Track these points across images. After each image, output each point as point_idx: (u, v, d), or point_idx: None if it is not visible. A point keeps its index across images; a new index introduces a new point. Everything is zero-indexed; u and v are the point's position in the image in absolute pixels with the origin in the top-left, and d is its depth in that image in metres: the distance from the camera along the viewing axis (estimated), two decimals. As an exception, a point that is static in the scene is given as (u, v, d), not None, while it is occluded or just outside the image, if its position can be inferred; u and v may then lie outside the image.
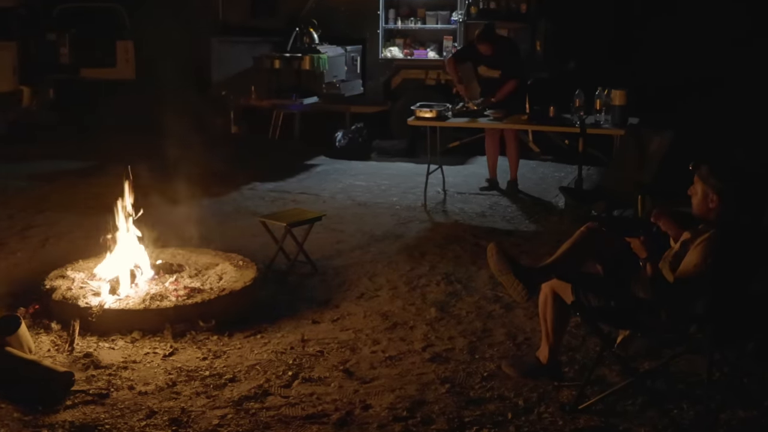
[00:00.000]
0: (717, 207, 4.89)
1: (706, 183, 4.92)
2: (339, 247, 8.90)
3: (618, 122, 9.71)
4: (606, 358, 5.70)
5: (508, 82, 10.98)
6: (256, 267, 7.51)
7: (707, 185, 4.92)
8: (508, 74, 11.01)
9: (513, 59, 11.17)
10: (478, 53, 11.08)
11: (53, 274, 7.24)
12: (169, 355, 6.13)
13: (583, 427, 5.14)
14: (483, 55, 11.03)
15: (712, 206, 4.91)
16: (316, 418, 5.22)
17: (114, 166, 8.49)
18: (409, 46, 15.03)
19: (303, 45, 14.29)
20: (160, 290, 6.90)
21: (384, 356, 6.14)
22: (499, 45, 11.08)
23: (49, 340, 6.34)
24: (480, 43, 10.95)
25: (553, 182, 12.07)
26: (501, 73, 11.02)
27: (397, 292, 7.53)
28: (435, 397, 5.51)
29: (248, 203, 10.84)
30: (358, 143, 13.93)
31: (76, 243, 8.81)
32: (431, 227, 9.78)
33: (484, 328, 6.68)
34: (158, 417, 5.22)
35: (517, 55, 11.36)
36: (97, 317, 6.43)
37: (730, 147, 9.71)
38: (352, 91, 14.86)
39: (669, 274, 4.98)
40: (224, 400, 5.45)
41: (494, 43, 10.97)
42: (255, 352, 6.20)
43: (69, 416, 5.21)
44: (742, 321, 4.96)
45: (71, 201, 10.74)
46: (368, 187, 11.77)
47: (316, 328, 6.68)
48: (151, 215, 7.74)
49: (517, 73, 11.12)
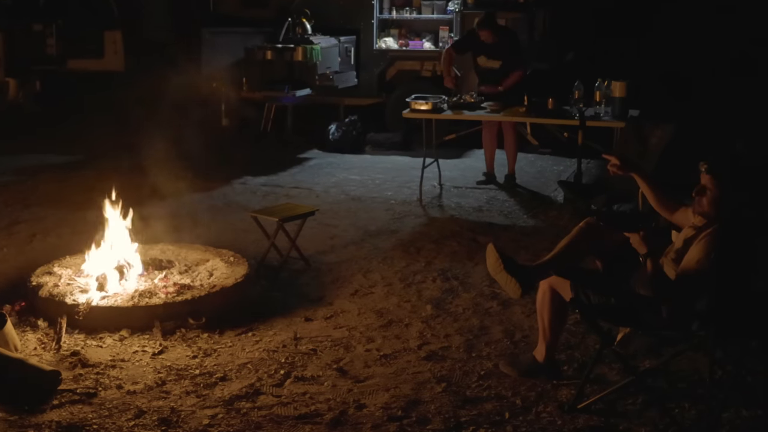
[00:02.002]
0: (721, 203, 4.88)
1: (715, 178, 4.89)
2: (332, 242, 8.89)
3: (618, 114, 9.71)
4: (606, 356, 5.70)
5: (513, 72, 10.99)
6: (247, 263, 7.51)
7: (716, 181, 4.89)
8: (513, 65, 11.02)
9: (517, 50, 11.17)
10: (478, 42, 11.07)
11: (40, 271, 7.24)
12: (159, 353, 6.12)
13: (582, 427, 5.14)
14: (483, 43, 11.02)
15: (714, 202, 4.89)
16: (308, 417, 5.22)
17: (102, 160, 8.50)
18: (404, 37, 15.01)
19: (295, 36, 14.26)
20: (149, 287, 6.89)
21: (378, 354, 6.13)
22: (501, 34, 11.07)
23: (36, 338, 6.32)
24: (481, 30, 10.94)
25: (552, 176, 12.08)
26: (502, 64, 11.02)
27: (391, 288, 7.53)
28: (431, 396, 5.50)
29: (239, 198, 10.83)
30: (352, 136, 13.92)
31: (63, 239, 8.80)
32: (427, 222, 9.77)
33: (481, 325, 6.67)
34: (147, 417, 5.21)
35: (520, 46, 11.36)
36: (84, 315, 6.42)
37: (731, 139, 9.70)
38: (346, 82, 14.82)
39: (670, 270, 4.98)
40: (215, 399, 5.44)
41: (496, 31, 10.96)
42: (246, 350, 6.19)
43: (56, 416, 5.20)
44: (745, 318, 4.95)
45: (58, 196, 10.72)
46: (362, 182, 11.76)
47: (309, 326, 6.67)
48: (140, 210, 7.73)
49: (522, 65, 11.13)
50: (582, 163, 9.98)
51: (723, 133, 10.56)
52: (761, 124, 11.96)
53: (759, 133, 11.17)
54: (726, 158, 4.98)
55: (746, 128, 11.34)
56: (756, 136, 10.42)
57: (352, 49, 15.05)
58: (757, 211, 4.94)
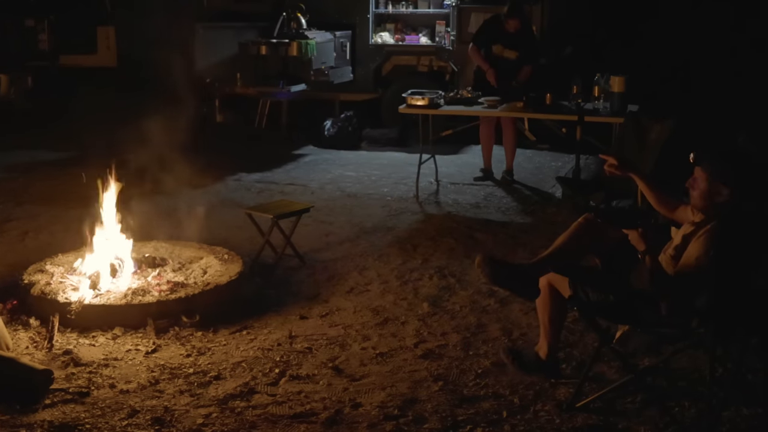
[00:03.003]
0: (718, 198, 4.88)
1: (708, 172, 4.90)
2: (328, 239, 8.89)
3: (617, 110, 9.71)
4: (604, 354, 5.70)
5: (524, 66, 10.98)
6: (241, 260, 7.50)
7: (708, 175, 4.90)
8: (528, 58, 11.00)
9: (534, 43, 11.16)
10: (498, 30, 11.03)
11: (32, 269, 7.23)
12: (152, 352, 6.11)
13: (580, 426, 5.13)
14: (504, 32, 10.98)
15: (719, 199, 4.89)
16: (304, 417, 5.21)
17: (95, 157, 8.49)
18: (400, 32, 15.01)
19: (290, 30, 14.23)
20: (142, 285, 6.88)
21: (374, 353, 6.12)
22: (524, 24, 11.05)
23: (28, 337, 6.32)
24: (511, 18, 10.89)
25: (550, 172, 12.08)
26: (519, 55, 11.00)
27: (388, 286, 7.52)
28: (427, 395, 5.50)
29: (234, 195, 10.82)
30: (348, 132, 13.91)
31: (55, 236, 8.80)
32: (423, 219, 9.77)
33: (479, 323, 6.67)
34: (140, 416, 5.20)
35: (536, 38, 11.33)
36: (76, 313, 6.41)
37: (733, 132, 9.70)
38: (341, 78, 14.82)
39: (669, 267, 4.97)
40: (209, 398, 5.43)
41: (523, 20, 10.94)
42: (241, 348, 6.18)
43: (48, 416, 5.19)
44: (745, 315, 4.94)
45: (51, 193, 10.71)
46: (358, 178, 11.75)
47: (304, 324, 6.66)
48: (133, 207, 7.72)
49: (536, 57, 11.11)
50: (580, 159, 9.96)
51: (725, 127, 10.54)
52: (765, 117, 11.94)
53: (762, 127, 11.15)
54: (717, 149, 4.98)
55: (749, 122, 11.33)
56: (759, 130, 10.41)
57: (347, 44, 15.06)
58: (757, 206, 4.94)
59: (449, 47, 14.35)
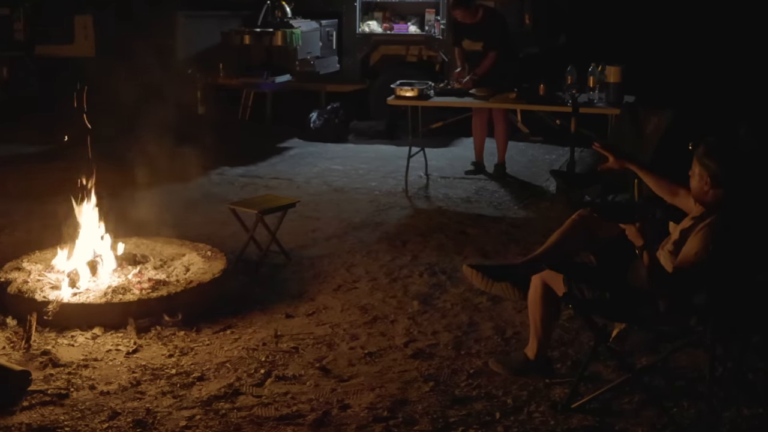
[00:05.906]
0: (715, 191, 4.90)
1: (703, 165, 4.92)
2: (314, 235, 8.89)
3: (613, 101, 9.70)
4: (600, 353, 5.71)
5: (487, 54, 10.95)
6: (225, 257, 7.50)
7: (704, 167, 4.92)
8: (488, 46, 10.97)
9: (494, 29, 11.08)
10: (462, 26, 11.06)
11: (8, 266, 7.22)
12: (133, 352, 6.11)
13: (576, 427, 5.15)
14: (465, 26, 10.99)
15: (706, 189, 4.92)
16: (290, 418, 5.22)
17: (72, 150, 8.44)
18: (388, 20, 14.95)
19: (274, 19, 14.18)
20: (122, 283, 6.87)
21: (363, 352, 6.13)
22: (483, 15, 11.02)
23: (4, 337, 6.30)
24: (454, 9, 10.94)
25: (544, 165, 12.09)
26: (483, 46, 10.99)
27: (376, 283, 7.53)
28: (418, 396, 5.50)
29: (217, 189, 10.81)
30: (335, 124, 13.89)
31: (32, 233, 8.76)
32: (413, 214, 9.77)
33: (471, 321, 6.68)
34: (121, 418, 5.20)
35: (501, 25, 11.25)
36: (54, 313, 6.40)
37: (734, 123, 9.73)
38: (328, 68, 14.80)
39: (667, 263, 4.98)
40: (192, 400, 5.43)
41: (472, 11, 10.91)
42: (225, 348, 6.19)
43: (26, 418, 5.19)
44: (745, 312, 4.96)
45: (28, 188, 10.68)
46: (345, 172, 11.75)
47: (290, 323, 6.66)
48: (113, 202, 7.70)
49: (497, 45, 11.02)
50: (575, 152, 9.95)
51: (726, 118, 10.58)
52: (766, 108, 11.98)
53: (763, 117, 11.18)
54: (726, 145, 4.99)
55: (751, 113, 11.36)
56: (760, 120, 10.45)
57: (333, 33, 15.03)
58: (757, 200, 4.95)
59: (439, 36, 14.31)
